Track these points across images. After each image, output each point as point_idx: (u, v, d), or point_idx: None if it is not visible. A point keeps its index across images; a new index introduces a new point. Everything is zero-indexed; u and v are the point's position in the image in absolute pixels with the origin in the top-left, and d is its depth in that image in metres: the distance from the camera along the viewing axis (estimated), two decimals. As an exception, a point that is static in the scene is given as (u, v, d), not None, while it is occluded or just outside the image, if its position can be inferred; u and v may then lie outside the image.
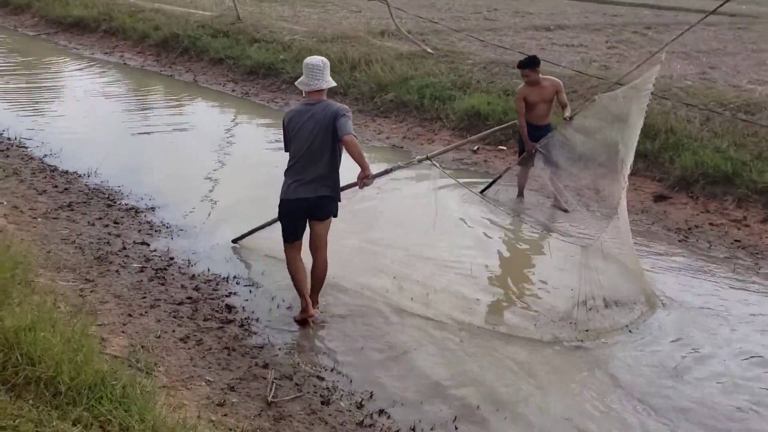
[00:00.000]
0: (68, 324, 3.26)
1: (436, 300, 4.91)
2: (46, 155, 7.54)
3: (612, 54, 14.59)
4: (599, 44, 16.70)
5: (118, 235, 5.60)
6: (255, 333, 4.37)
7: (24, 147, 7.79)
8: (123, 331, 3.92)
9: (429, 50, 11.57)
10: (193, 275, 5.06)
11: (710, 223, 6.63)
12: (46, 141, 7.97)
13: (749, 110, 7.92)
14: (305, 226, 4.58)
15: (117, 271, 4.89)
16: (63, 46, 15.53)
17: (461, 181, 6.60)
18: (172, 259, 5.30)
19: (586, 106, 6.56)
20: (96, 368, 2.88)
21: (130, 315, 4.24)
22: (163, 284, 4.83)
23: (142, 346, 3.73)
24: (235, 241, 5.66)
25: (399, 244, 5.71)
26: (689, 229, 6.57)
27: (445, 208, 6.27)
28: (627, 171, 5.23)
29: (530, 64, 6.68)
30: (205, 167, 7.62)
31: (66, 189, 6.48)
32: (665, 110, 7.97)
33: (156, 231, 5.82)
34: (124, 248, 5.33)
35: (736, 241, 6.30)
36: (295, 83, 4.65)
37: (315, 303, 4.65)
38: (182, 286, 4.86)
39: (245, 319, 4.52)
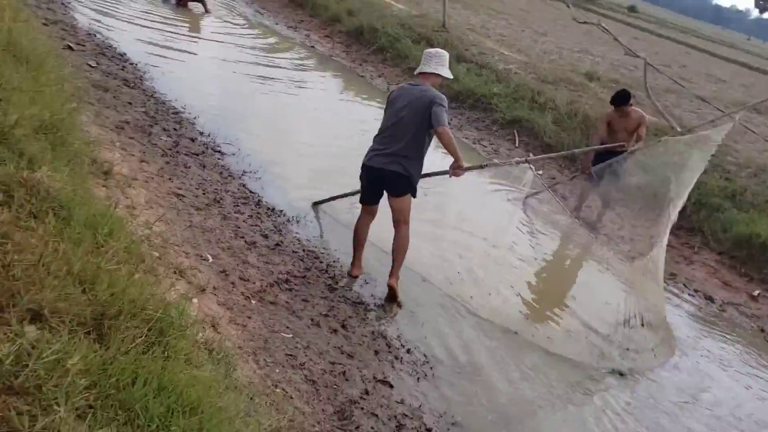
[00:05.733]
0: None
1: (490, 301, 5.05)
2: (244, 172, 6.05)
3: None
4: None
5: (352, 356, 4.00)
6: None
7: (218, 151, 6.33)
8: None
9: (678, 128, 9.50)
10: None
11: None
12: (243, 149, 6.50)
13: None
14: (380, 195, 4.80)
15: (368, 451, 3.27)
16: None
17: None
18: (429, 431, 3.64)
19: (651, 145, 6.86)
20: None
21: None
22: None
23: None
24: (315, 204, 5.83)
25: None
26: None
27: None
28: (676, 210, 5.72)
29: (625, 100, 6.76)
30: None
31: (277, 245, 4.93)
32: None
33: (397, 359, 4.17)
34: (366, 393, 3.71)
35: None
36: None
37: (395, 276, 4.69)
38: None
39: None
